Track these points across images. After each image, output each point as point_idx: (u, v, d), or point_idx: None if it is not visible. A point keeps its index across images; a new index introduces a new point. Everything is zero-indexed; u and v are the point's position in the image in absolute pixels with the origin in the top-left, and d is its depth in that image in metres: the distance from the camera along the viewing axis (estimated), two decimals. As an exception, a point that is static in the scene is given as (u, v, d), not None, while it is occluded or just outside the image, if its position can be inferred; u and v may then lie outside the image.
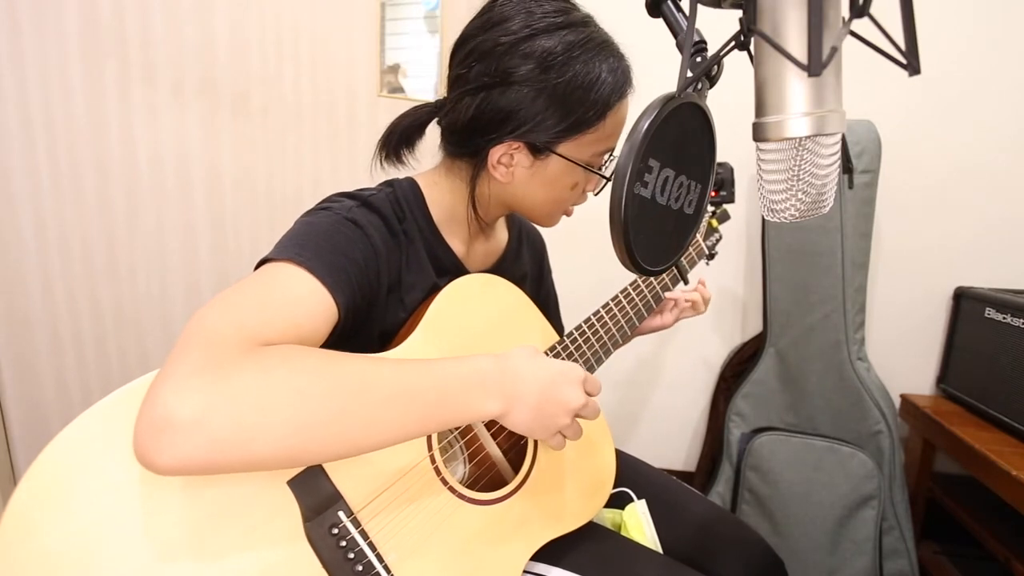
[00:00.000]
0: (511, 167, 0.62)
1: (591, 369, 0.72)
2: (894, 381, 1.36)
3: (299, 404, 0.42)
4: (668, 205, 0.43)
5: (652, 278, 0.81)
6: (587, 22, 0.59)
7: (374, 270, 0.57)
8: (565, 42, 0.57)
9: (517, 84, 0.57)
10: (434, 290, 0.63)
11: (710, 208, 1.00)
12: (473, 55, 0.59)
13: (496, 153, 0.61)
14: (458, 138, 0.63)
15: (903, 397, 1.37)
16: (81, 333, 1.23)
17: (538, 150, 0.60)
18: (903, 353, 1.40)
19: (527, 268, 0.81)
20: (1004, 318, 1.17)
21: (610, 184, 0.63)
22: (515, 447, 0.69)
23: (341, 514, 0.49)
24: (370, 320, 0.60)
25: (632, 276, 0.78)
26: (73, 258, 1.20)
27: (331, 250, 0.53)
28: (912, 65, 0.34)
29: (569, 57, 0.57)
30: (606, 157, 0.65)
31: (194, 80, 1.22)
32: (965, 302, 1.31)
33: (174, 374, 0.40)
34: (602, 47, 0.58)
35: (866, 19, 0.34)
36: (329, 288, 0.50)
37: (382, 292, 0.59)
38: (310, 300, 0.49)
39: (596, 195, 0.68)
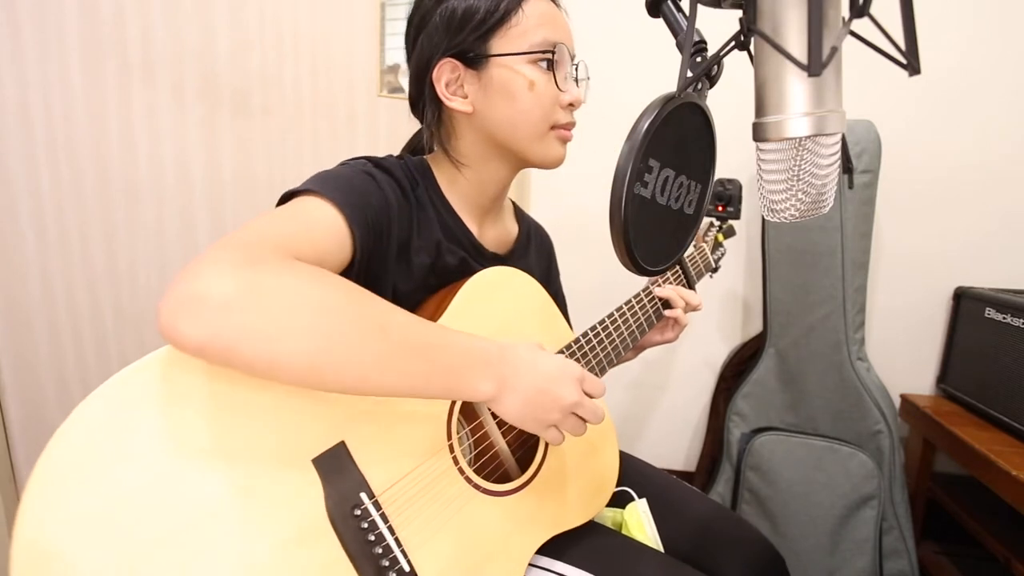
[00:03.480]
0: (461, 92, 0.64)
1: (601, 372, 0.72)
2: (894, 381, 1.36)
3: (327, 319, 0.43)
4: (668, 205, 0.43)
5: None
6: None
7: (386, 217, 0.59)
8: None
9: (430, 22, 0.62)
10: (439, 251, 0.64)
11: (716, 223, 0.99)
12: (408, 42, 0.67)
13: (440, 80, 0.63)
14: (419, 102, 0.66)
15: (903, 397, 1.37)
16: (81, 333, 1.23)
17: (472, 60, 0.62)
18: (903, 353, 1.40)
19: (534, 266, 0.81)
20: (1004, 318, 1.17)
21: (580, 87, 0.66)
22: (524, 445, 0.69)
23: (363, 496, 0.49)
24: (379, 284, 0.60)
25: (641, 282, 0.78)
26: (73, 258, 1.20)
27: (349, 190, 0.55)
28: (912, 65, 0.34)
29: None
30: (555, 56, 0.62)
31: (194, 80, 1.22)
32: (965, 302, 1.30)
33: (216, 257, 0.40)
34: None
35: (866, 19, 0.34)
36: (347, 219, 0.53)
37: (392, 248, 0.60)
38: (332, 227, 0.53)
39: (571, 103, 0.64)
